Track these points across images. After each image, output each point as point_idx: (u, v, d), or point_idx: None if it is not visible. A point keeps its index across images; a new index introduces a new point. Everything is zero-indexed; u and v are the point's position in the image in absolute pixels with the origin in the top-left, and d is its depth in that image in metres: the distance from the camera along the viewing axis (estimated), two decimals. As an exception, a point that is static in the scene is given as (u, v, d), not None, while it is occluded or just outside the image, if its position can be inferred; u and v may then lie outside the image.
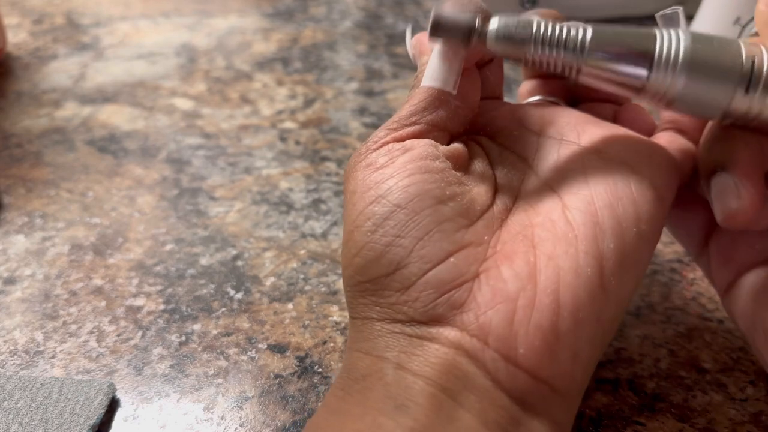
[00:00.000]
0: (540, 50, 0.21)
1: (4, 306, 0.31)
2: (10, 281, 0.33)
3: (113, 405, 0.27)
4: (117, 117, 0.46)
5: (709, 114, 0.21)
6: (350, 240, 0.22)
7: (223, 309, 0.31)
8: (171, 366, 0.28)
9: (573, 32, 0.21)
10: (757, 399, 0.27)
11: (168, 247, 0.35)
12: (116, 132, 0.44)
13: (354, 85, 0.50)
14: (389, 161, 0.22)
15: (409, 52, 0.27)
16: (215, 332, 0.30)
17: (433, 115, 0.23)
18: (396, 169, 0.22)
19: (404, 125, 0.23)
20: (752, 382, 0.27)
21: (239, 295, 0.32)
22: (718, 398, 0.27)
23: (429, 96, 0.23)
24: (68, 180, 0.40)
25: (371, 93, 0.49)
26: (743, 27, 0.37)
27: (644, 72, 0.21)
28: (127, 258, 0.34)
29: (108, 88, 0.49)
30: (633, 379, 0.27)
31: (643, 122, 0.27)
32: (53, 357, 0.29)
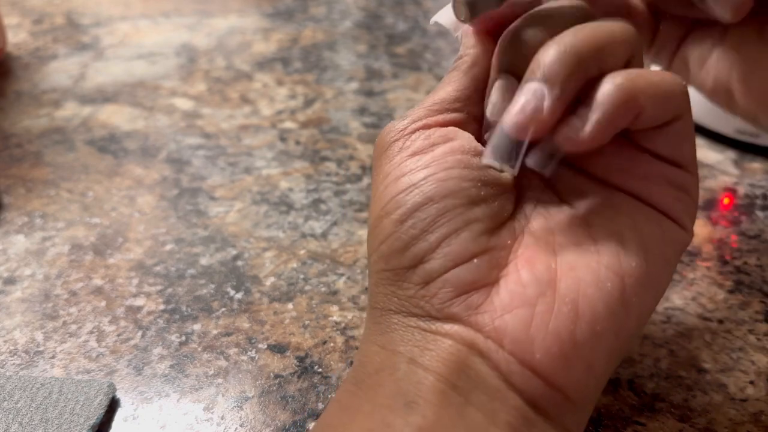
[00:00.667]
0: None
1: (4, 306, 0.31)
2: (10, 281, 0.33)
3: (113, 405, 0.27)
4: (117, 117, 0.46)
5: None
6: (378, 226, 0.21)
7: (223, 309, 0.31)
8: (171, 366, 0.28)
9: None
10: (757, 399, 0.27)
11: (168, 247, 0.35)
12: (116, 132, 0.44)
13: (354, 85, 0.50)
14: (428, 148, 0.21)
15: (452, 31, 0.25)
16: (215, 332, 0.30)
17: (478, 108, 0.22)
18: (435, 159, 0.21)
19: (447, 109, 0.22)
20: (752, 382, 0.27)
21: (239, 295, 0.32)
22: (718, 398, 0.27)
23: (475, 83, 0.22)
24: (68, 180, 0.40)
25: (371, 93, 0.49)
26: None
27: None
28: (127, 258, 0.34)
29: (108, 88, 0.49)
30: (633, 379, 0.27)
31: None
32: (53, 357, 0.29)
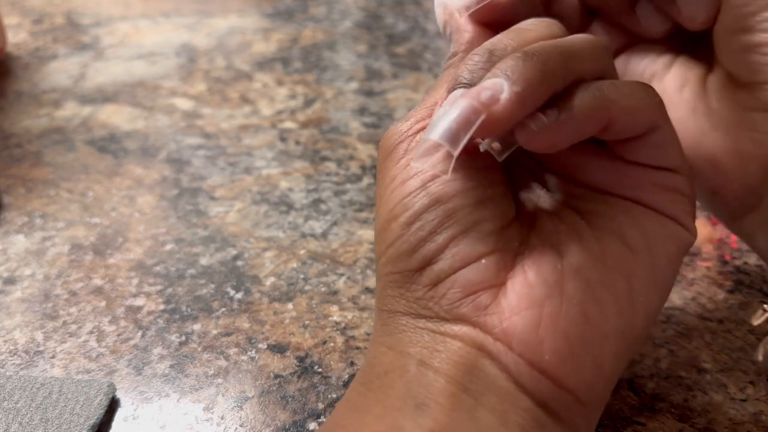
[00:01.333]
0: None
1: (4, 306, 0.31)
2: (10, 281, 0.33)
3: (113, 405, 0.27)
4: (117, 117, 0.46)
5: None
6: (386, 229, 0.21)
7: (223, 309, 0.31)
8: (171, 366, 0.28)
9: None
10: (757, 399, 0.27)
11: (168, 247, 0.35)
12: (116, 132, 0.44)
13: (354, 85, 0.50)
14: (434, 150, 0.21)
15: (440, 24, 0.25)
16: (215, 332, 0.30)
17: None
18: (440, 160, 0.21)
19: None
20: (752, 382, 0.27)
21: (239, 295, 0.32)
22: (718, 398, 0.27)
23: None
24: (68, 180, 0.40)
25: (371, 93, 0.49)
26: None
27: None
28: (127, 258, 0.34)
29: (108, 88, 0.49)
30: (633, 379, 0.27)
31: None
32: (53, 357, 0.29)
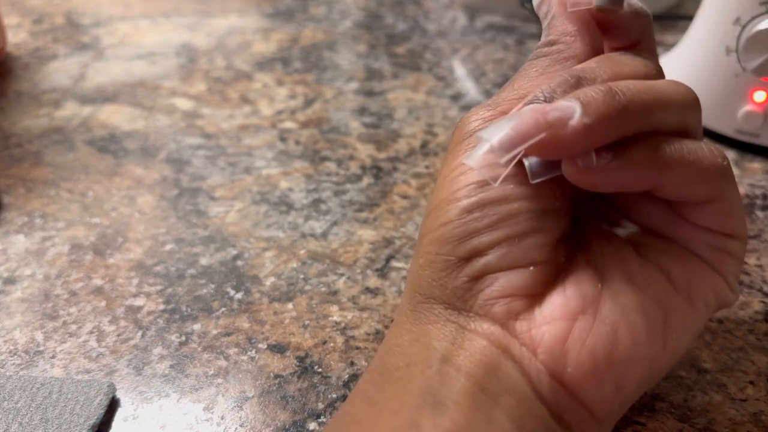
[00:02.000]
0: None
1: (4, 306, 0.31)
2: (10, 281, 0.33)
3: (113, 405, 0.27)
4: (117, 117, 0.46)
5: None
6: (442, 208, 0.20)
7: (223, 309, 0.31)
8: (171, 366, 0.28)
9: None
10: (757, 399, 0.27)
11: (168, 247, 0.35)
12: (116, 132, 0.44)
13: (354, 85, 0.50)
14: None
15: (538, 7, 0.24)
16: (215, 332, 0.30)
17: None
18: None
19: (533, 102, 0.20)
20: (752, 382, 0.27)
21: (239, 295, 0.32)
22: (718, 398, 0.27)
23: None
24: (68, 180, 0.40)
25: (371, 93, 0.49)
26: (743, 27, 0.37)
27: None
28: (127, 258, 0.34)
29: (108, 88, 0.49)
30: (633, 379, 0.27)
31: None
32: (53, 357, 0.29)
